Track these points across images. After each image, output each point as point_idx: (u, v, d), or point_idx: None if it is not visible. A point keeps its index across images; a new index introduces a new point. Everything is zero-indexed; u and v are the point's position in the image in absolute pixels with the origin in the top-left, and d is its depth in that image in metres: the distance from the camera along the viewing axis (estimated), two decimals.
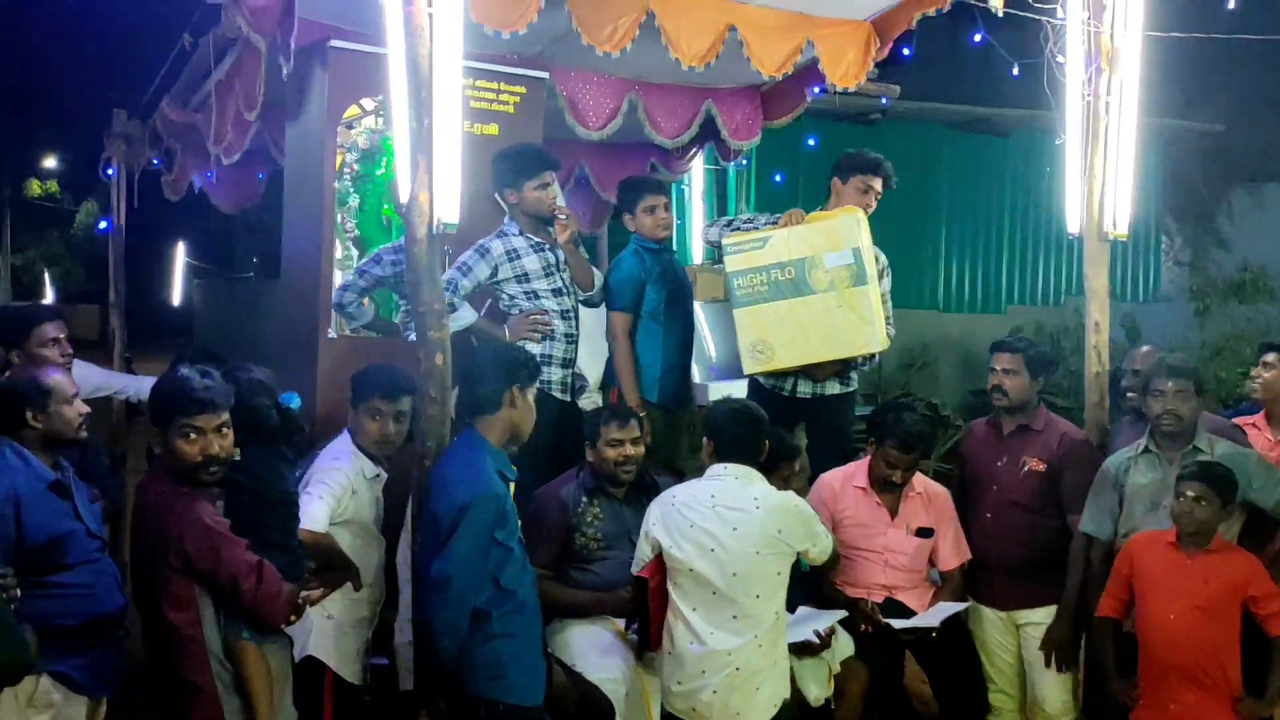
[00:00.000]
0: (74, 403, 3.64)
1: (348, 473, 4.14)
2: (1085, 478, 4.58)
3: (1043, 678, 4.70)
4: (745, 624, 3.84)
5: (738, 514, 3.86)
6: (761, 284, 5.07)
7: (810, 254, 5.02)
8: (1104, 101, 4.96)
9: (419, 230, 3.75)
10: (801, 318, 5.04)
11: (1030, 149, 13.73)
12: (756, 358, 5.12)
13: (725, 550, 3.83)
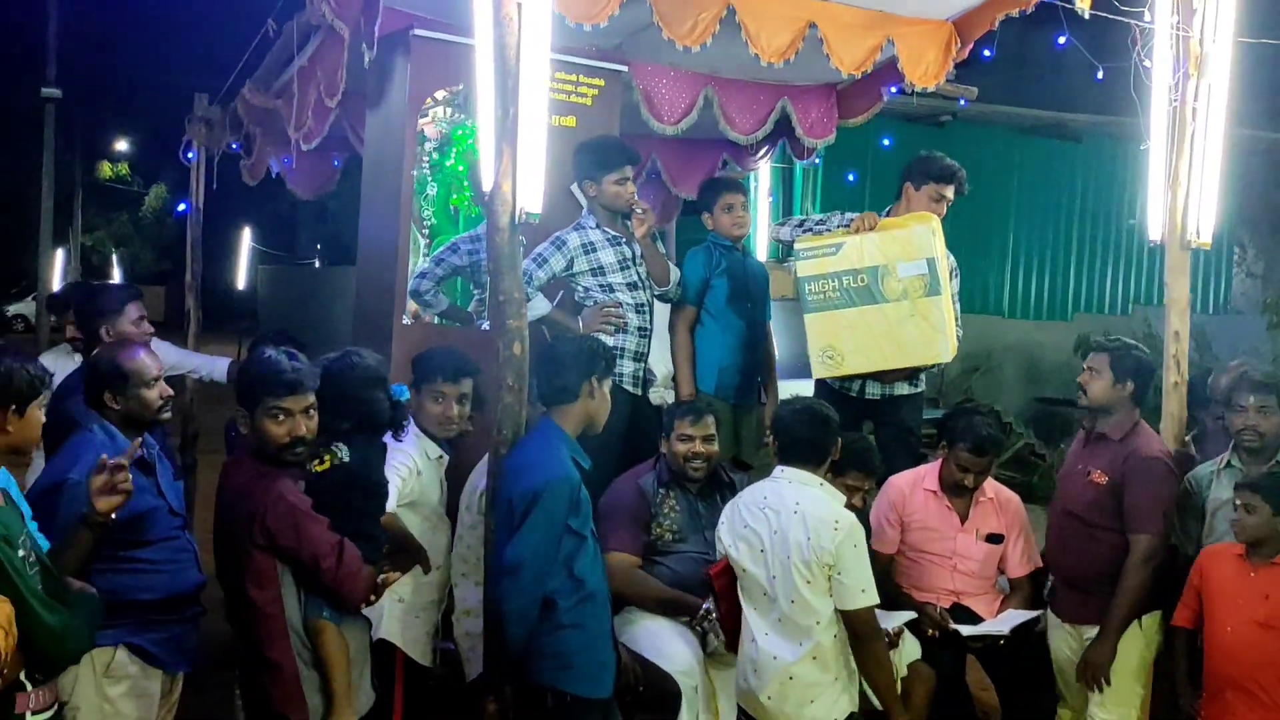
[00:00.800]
0: (155, 385, 3.66)
1: (413, 454, 4.15)
2: (1147, 494, 4.35)
3: (1100, 698, 4.40)
4: (791, 630, 3.79)
5: (778, 516, 3.83)
6: (833, 290, 5.09)
7: (884, 262, 5.02)
8: (1190, 108, 4.87)
9: (501, 219, 3.76)
10: (873, 325, 5.04)
11: (1101, 155, 13.59)
12: (826, 363, 5.13)
13: (769, 552, 3.81)
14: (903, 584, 4.89)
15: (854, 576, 3.73)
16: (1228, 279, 14.66)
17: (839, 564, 3.71)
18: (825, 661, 3.77)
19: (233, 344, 18.09)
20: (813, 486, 3.88)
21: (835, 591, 3.73)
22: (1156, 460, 4.42)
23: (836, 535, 3.72)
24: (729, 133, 6.10)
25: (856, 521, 3.82)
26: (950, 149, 12.42)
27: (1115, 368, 4.50)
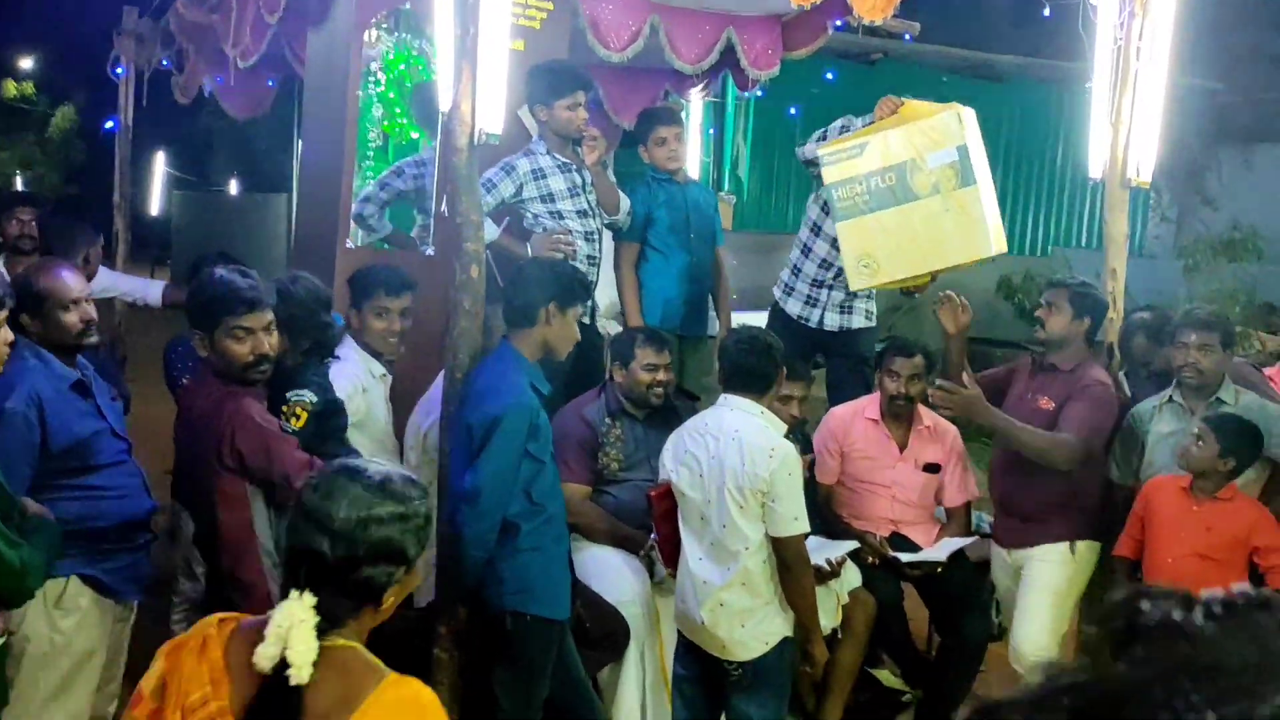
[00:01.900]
0: (75, 308, 3.45)
1: (357, 372, 4.11)
2: (1082, 407, 4.41)
3: (1024, 619, 4.55)
4: (721, 555, 3.82)
5: (717, 442, 3.83)
6: (862, 193, 4.69)
7: (910, 156, 4.63)
8: (1135, 47, 4.93)
9: (460, 140, 3.71)
10: (908, 226, 4.65)
11: (1026, 97, 13.75)
12: (862, 272, 4.75)
13: (706, 477, 3.83)
14: (843, 513, 4.97)
15: (786, 504, 3.74)
16: (1143, 224, 14.97)
17: (772, 491, 3.72)
18: (754, 586, 3.80)
19: (145, 270, 17.70)
20: (754, 414, 3.87)
21: (768, 518, 3.75)
22: (1102, 385, 4.52)
23: (771, 462, 3.71)
24: (674, 62, 6.06)
25: (793, 451, 3.83)
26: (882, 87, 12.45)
27: (1074, 303, 4.56)
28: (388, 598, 2.02)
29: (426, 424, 4.23)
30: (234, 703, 1.93)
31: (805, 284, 5.54)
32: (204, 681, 1.95)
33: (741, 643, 3.82)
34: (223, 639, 1.99)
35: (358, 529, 1.95)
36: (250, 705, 1.92)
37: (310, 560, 1.96)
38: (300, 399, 3.44)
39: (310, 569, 1.96)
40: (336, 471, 2.03)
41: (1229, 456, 4.09)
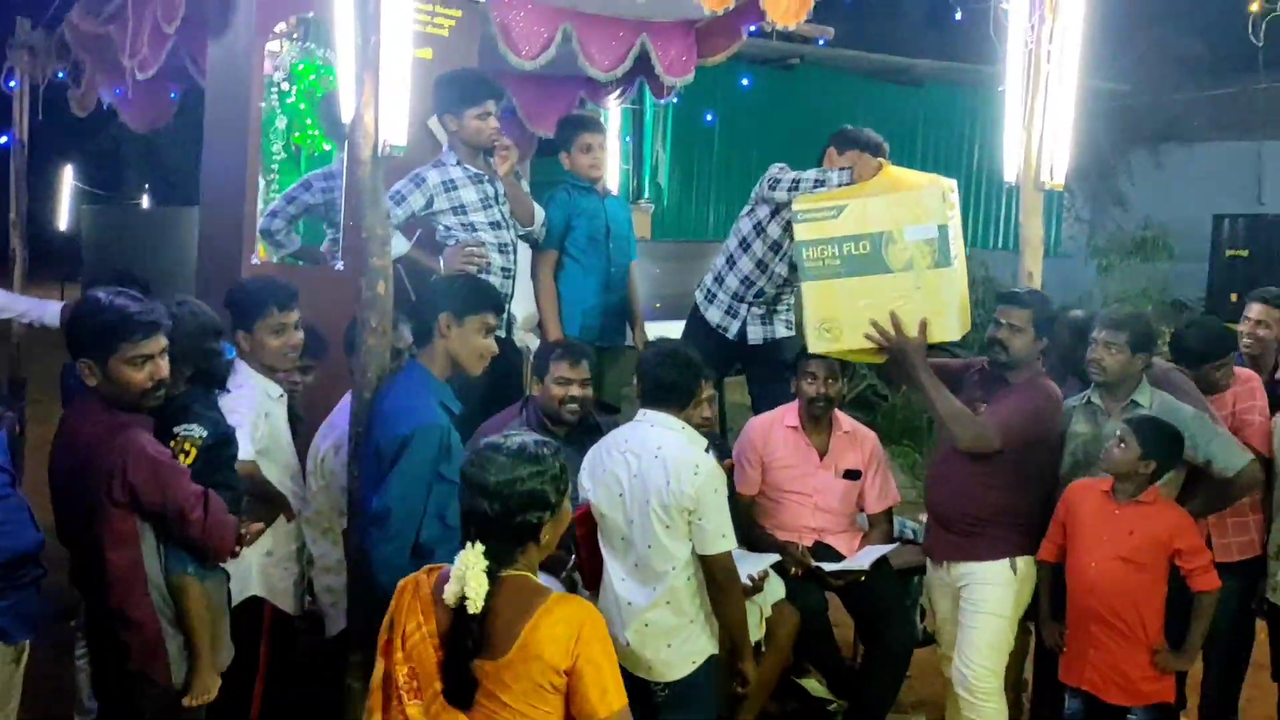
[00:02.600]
0: None
1: (255, 397, 3.91)
2: (1010, 405, 4.25)
3: (969, 645, 4.32)
4: (646, 575, 3.73)
5: (638, 459, 3.74)
6: (833, 257, 4.45)
7: (890, 228, 4.40)
8: (1046, 50, 4.94)
9: (363, 152, 3.59)
10: (876, 297, 4.40)
11: (941, 101, 13.89)
12: (824, 336, 4.50)
13: (628, 496, 3.74)
14: (765, 524, 4.92)
15: (714, 521, 3.66)
16: (1058, 224, 15.19)
17: (699, 509, 3.64)
18: (680, 605, 3.72)
19: (55, 289, 17.22)
20: (675, 430, 3.79)
21: (695, 536, 3.68)
22: (1044, 396, 4.35)
23: (696, 479, 3.64)
24: (588, 70, 5.98)
25: (718, 467, 3.76)
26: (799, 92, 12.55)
27: (1036, 325, 4.37)
28: (544, 534, 2.60)
29: (325, 445, 4.10)
30: (436, 629, 2.55)
31: (726, 295, 5.50)
32: (416, 614, 2.59)
33: (668, 663, 3.74)
34: (431, 582, 2.61)
35: (506, 487, 2.54)
36: (446, 630, 2.53)
37: (476, 518, 2.56)
38: (189, 434, 3.29)
39: (477, 525, 2.56)
40: (484, 448, 2.62)
41: (1150, 459, 4.09)
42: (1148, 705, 4.14)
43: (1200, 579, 4.09)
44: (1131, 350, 4.35)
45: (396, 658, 2.60)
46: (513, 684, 2.51)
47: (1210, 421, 4.37)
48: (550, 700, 2.52)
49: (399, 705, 2.57)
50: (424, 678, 2.56)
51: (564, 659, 2.51)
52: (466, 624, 2.49)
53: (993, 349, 4.37)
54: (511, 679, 2.50)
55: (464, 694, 2.52)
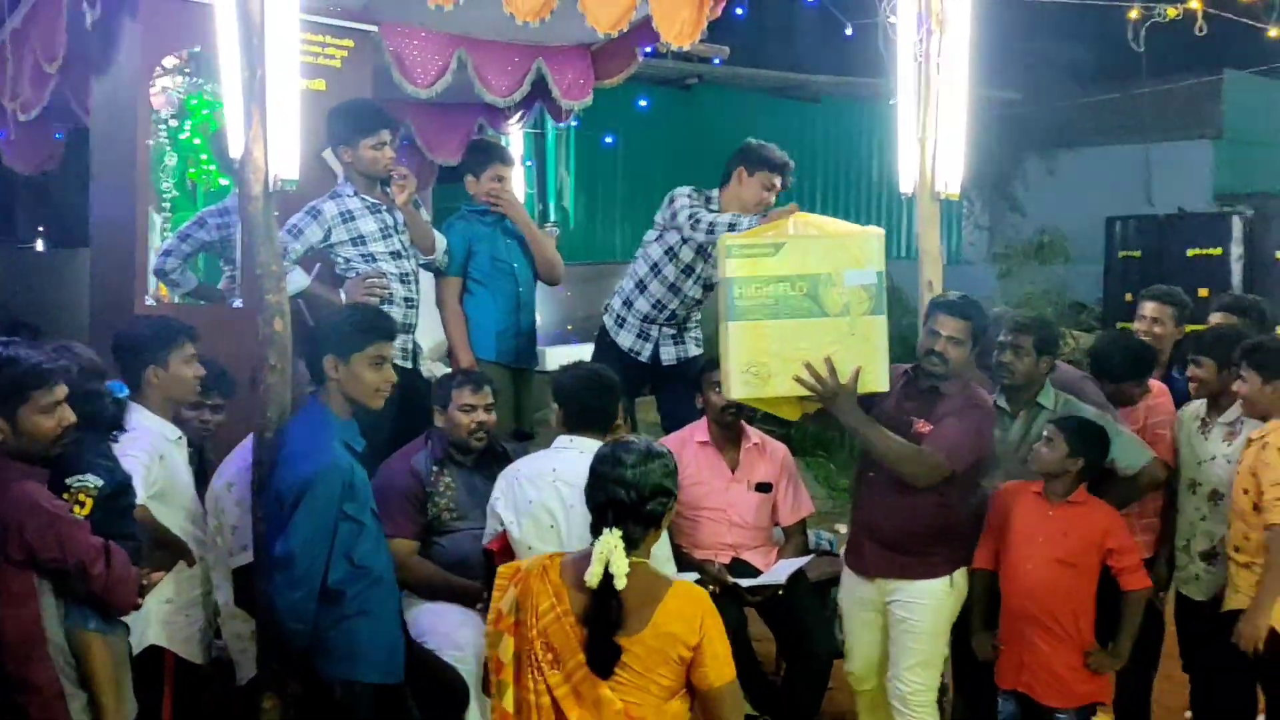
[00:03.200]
0: None
1: (149, 439, 3.81)
2: (957, 428, 4.16)
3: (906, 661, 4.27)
4: None
5: (573, 490, 3.63)
6: (767, 297, 4.13)
7: (829, 270, 4.14)
8: (935, 63, 5.02)
9: (254, 188, 3.53)
10: (807, 343, 4.14)
11: (840, 115, 14.06)
12: (749, 380, 4.15)
13: (563, 528, 3.69)
14: (682, 543, 4.90)
15: (659, 548, 3.56)
16: (958, 232, 15.46)
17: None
18: None
19: None
20: None
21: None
22: (983, 410, 4.27)
23: None
24: (485, 95, 5.95)
25: None
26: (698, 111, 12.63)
27: (975, 336, 4.29)
28: (665, 520, 3.01)
29: (219, 483, 4.00)
30: (571, 608, 2.89)
31: (637, 319, 5.50)
32: (549, 596, 2.91)
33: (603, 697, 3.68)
34: (556, 568, 2.96)
35: (641, 478, 2.93)
36: (586, 609, 2.86)
37: (614, 507, 2.92)
38: (84, 484, 3.18)
39: (615, 512, 2.91)
40: (615, 447, 3.04)
41: (1078, 456, 4.16)
42: (1080, 706, 4.20)
43: (1131, 578, 4.16)
44: (1038, 353, 4.43)
45: (530, 635, 2.92)
46: (644, 657, 2.87)
47: (1112, 421, 4.47)
48: (675, 670, 2.89)
49: (538, 675, 2.91)
50: (562, 651, 2.89)
51: (692, 635, 2.88)
52: (608, 602, 2.84)
53: (929, 359, 4.23)
54: (644, 653, 2.86)
55: (607, 665, 2.86)
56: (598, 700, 2.89)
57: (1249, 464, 4.21)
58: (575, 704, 2.90)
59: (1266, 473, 4.12)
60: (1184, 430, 4.70)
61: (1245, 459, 4.24)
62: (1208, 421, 4.61)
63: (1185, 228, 9.74)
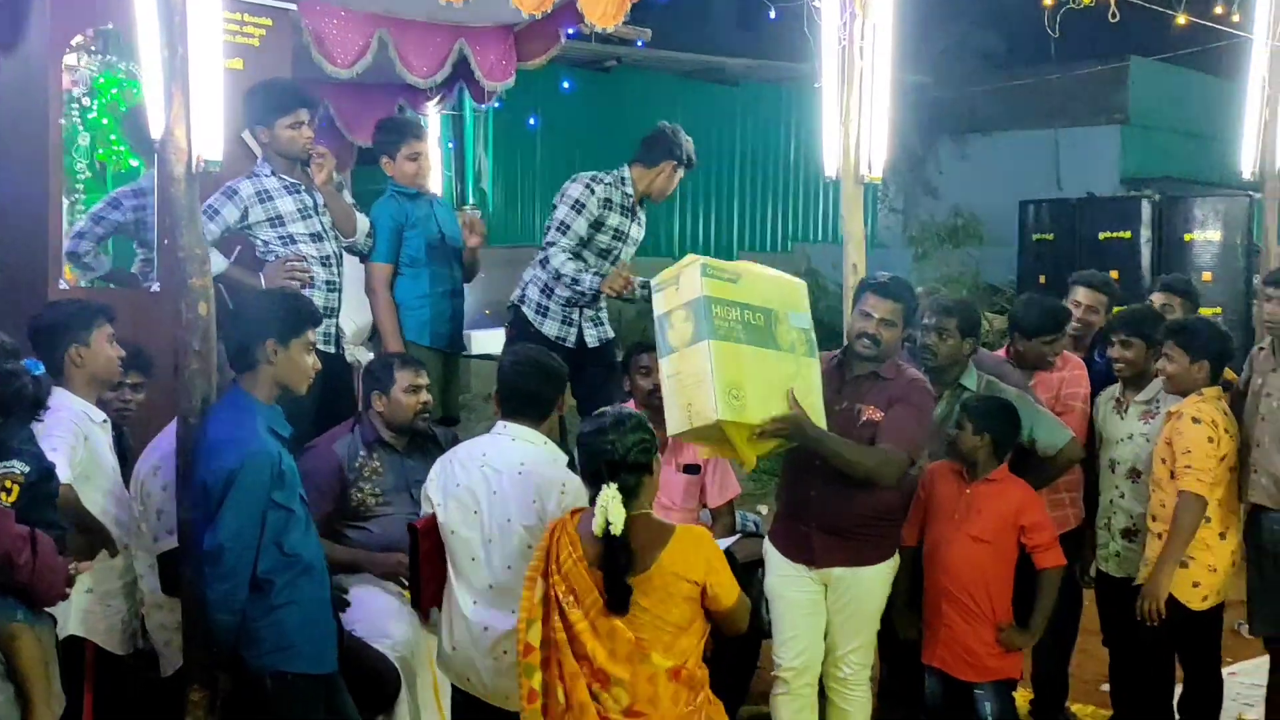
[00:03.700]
0: None
1: (74, 419, 3.70)
2: (909, 417, 4.12)
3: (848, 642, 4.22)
4: (504, 598, 3.61)
5: (499, 475, 3.64)
6: (736, 320, 4.02)
7: (778, 307, 4.10)
8: (858, 47, 5.06)
9: (176, 169, 3.44)
10: (770, 372, 4.06)
11: (758, 98, 14.15)
12: (731, 403, 3.96)
13: (486, 514, 3.64)
14: None
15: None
16: (874, 215, 15.63)
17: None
18: None
19: None
20: (537, 445, 3.71)
21: None
22: (927, 392, 4.25)
23: (564, 499, 3.57)
24: (407, 76, 5.87)
25: (582, 485, 3.62)
26: (618, 94, 12.60)
27: (907, 318, 4.26)
28: (655, 466, 3.38)
29: (145, 467, 3.92)
30: (585, 555, 3.27)
31: (559, 305, 5.46)
32: (567, 546, 3.30)
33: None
34: (574, 521, 3.35)
35: (620, 436, 3.29)
36: (599, 555, 3.23)
37: (607, 464, 3.25)
38: (9, 471, 3.09)
39: (608, 468, 3.25)
40: (594, 417, 3.42)
41: (984, 434, 4.23)
42: (993, 681, 4.27)
43: (1045, 556, 4.24)
44: (961, 335, 4.49)
45: (554, 580, 3.28)
46: (654, 595, 3.23)
47: (1033, 402, 4.56)
48: (684, 607, 3.28)
49: (560, 614, 3.28)
50: (581, 592, 3.27)
51: (698, 573, 3.28)
52: (615, 548, 3.19)
53: (861, 341, 4.16)
54: (653, 591, 3.23)
55: (622, 603, 3.22)
56: (612, 632, 3.24)
57: (1166, 435, 4.35)
58: (592, 636, 3.25)
59: (1179, 440, 4.27)
60: (1100, 411, 4.81)
61: (1165, 431, 4.37)
62: (1123, 400, 4.72)
63: (1096, 211, 9.95)
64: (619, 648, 3.24)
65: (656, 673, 3.26)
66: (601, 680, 3.25)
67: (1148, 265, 9.39)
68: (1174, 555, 4.28)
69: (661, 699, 3.26)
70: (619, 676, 3.24)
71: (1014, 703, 4.44)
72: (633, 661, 3.24)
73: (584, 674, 3.26)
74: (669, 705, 3.28)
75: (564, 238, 5.27)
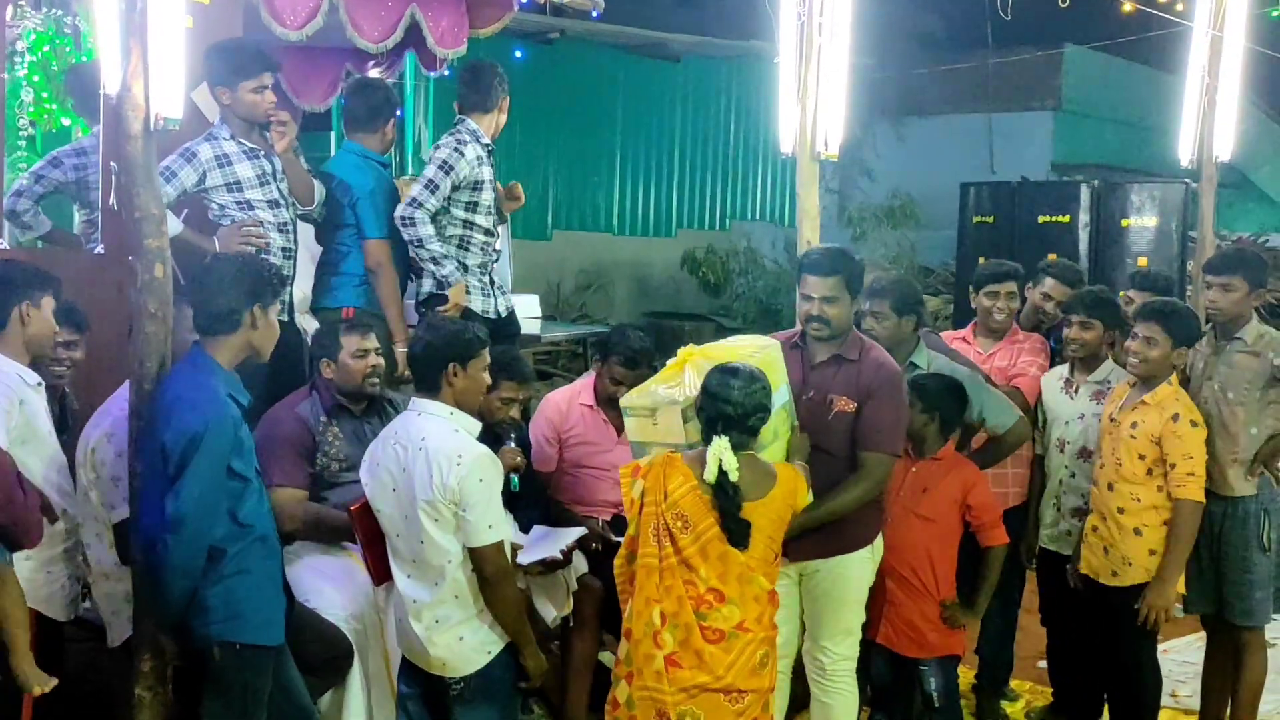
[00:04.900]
0: None
1: (9, 381, 3.59)
2: (893, 411, 4.05)
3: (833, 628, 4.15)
4: (426, 571, 3.60)
5: (406, 452, 3.58)
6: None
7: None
8: (817, 23, 5.05)
9: (133, 126, 3.34)
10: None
11: (699, 75, 14.12)
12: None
13: (401, 491, 3.58)
14: (565, 500, 4.90)
15: (478, 513, 3.49)
16: None
17: (463, 500, 3.48)
18: (467, 598, 3.59)
19: None
20: (441, 417, 3.62)
21: (461, 528, 3.52)
22: (898, 375, 4.16)
23: (459, 470, 3.47)
24: (358, 40, 5.73)
25: (485, 455, 3.59)
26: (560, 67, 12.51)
27: (850, 287, 4.08)
28: (765, 431, 3.63)
29: (96, 434, 3.80)
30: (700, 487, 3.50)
31: (476, 278, 5.37)
32: (680, 475, 3.54)
33: (463, 656, 3.62)
34: (677, 457, 3.60)
35: (747, 396, 3.52)
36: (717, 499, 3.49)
37: (723, 419, 3.51)
38: None
39: (724, 423, 3.51)
40: (723, 371, 3.58)
41: (933, 413, 4.26)
42: (938, 657, 4.32)
43: (989, 534, 4.28)
44: (897, 314, 4.48)
45: (660, 511, 3.52)
46: (763, 523, 3.55)
47: (983, 382, 4.60)
48: (781, 530, 3.64)
49: (668, 541, 3.51)
50: (694, 518, 3.51)
51: (800, 500, 3.68)
52: (727, 490, 3.45)
53: (812, 326, 4.07)
54: (764, 520, 3.55)
55: (743, 538, 3.50)
56: (724, 555, 3.50)
57: (1149, 430, 4.30)
58: (702, 561, 3.50)
59: (1178, 445, 4.26)
60: (1046, 391, 4.87)
61: (1144, 424, 4.32)
62: (1073, 381, 4.78)
63: (1035, 195, 10.07)
64: (730, 569, 3.50)
65: (761, 593, 3.56)
66: (713, 599, 3.50)
67: (1085, 250, 9.53)
68: (1178, 564, 4.33)
69: (765, 618, 3.56)
70: (730, 595, 3.50)
71: (958, 678, 4.50)
72: (742, 582, 3.51)
73: (692, 596, 3.49)
74: (768, 624, 3.59)
75: (432, 199, 5.10)
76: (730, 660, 3.50)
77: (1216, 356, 4.53)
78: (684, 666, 3.49)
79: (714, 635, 3.50)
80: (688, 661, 3.49)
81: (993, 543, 4.31)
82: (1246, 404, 4.43)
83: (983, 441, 4.66)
